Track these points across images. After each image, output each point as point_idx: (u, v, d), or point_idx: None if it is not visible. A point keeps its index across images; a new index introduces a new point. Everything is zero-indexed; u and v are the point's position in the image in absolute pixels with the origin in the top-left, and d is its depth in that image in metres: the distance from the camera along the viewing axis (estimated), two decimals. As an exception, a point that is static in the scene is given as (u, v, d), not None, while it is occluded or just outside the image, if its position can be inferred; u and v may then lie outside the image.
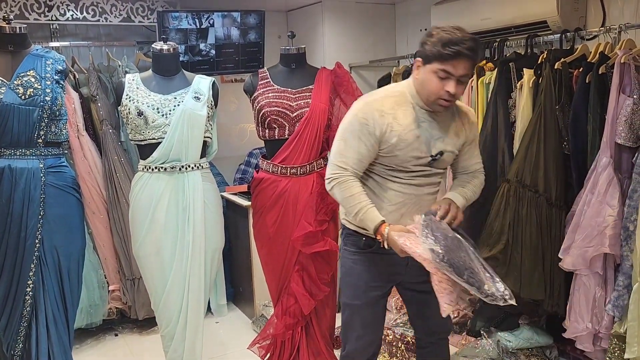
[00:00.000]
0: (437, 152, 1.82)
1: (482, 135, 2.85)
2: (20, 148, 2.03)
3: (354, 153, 1.80)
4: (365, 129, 1.79)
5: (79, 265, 2.20)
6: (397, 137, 1.78)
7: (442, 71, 1.71)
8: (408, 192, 1.86)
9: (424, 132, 1.81)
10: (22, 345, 2.07)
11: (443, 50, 1.68)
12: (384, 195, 1.87)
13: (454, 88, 1.71)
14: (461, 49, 1.67)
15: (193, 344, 2.34)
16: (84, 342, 3.25)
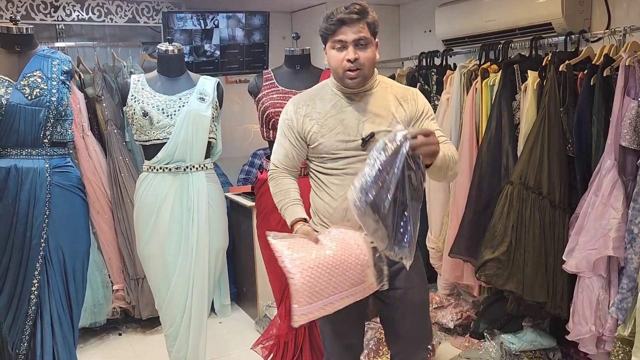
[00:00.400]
0: (368, 133, 1.74)
1: (486, 136, 2.86)
2: (26, 148, 2.04)
3: (281, 149, 1.85)
4: (286, 124, 1.83)
5: (83, 265, 2.21)
6: (317, 125, 1.77)
7: (336, 43, 1.71)
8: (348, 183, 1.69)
9: (350, 115, 1.76)
10: (27, 344, 2.08)
11: (328, 24, 1.71)
12: (327, 191, 1.81)
13: (352, 53, 1.69)
14: (342, 15, 1.69)
15: (197, 343, 2.35)
16: (87, 341, 3.26)
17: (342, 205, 1.76)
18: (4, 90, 2.00)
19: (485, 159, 2.86)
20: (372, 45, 1.73)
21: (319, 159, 1.81)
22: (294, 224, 1.72)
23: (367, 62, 1.71)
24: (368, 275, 1.64)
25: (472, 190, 2.92)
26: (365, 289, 1.67)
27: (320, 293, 1.55)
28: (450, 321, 3.11)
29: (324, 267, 1.55)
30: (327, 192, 1.80)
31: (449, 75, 3.25)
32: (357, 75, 1.71)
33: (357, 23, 1.69)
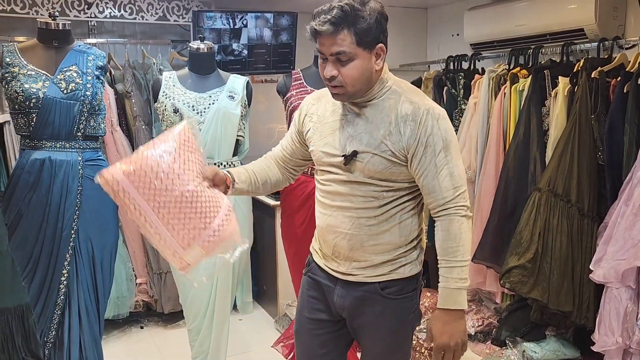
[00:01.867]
0: (351, 150, 1.48)
1: (514, 142, 2.83)
2: (60, 141, 2.09)
3: (285, 138, 1.72)
4: (297, 117, 1.66)
5: (111, 257, 2.24)
6: (313, 128, 1.58)
7: (318, 52, 1.44)
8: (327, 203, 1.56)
9: (344, 127, 1.51)
10: (55, 332, 2.12)
11: (308, 30, 1.43)
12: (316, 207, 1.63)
13: (330, 70, 1.41)
14: (315, 24, 1.39)
15: (218, 339, 2.37)
16: (110, 333, 3.31)
17: (320, 223, 1.58)
18: (42, 84, 2.05)
19: (512, 164, 2.83)
20: (361, 58, 1.40)
21: (315, 166, 1.62)
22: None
23: (349, 80, 1.41)
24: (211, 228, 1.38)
25: (497, 195, 2.90)
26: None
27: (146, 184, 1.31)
28: (472, 327, 3.08)
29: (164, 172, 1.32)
30: (316, 205, 1.62)
31: (477, 80, 3.23)
32: (338, 92, 1.44)
33: (335, 35, 1.38)
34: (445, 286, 1.47)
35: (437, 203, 1.46)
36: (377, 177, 1.48)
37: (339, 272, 1.57)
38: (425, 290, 3.40)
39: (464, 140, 3.23)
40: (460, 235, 1.46)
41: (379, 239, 1.52)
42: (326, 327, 1.64)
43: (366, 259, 1.53)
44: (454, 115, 3.40)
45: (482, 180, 3.06)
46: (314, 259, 1.66)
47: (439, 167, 1.44)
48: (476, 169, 3.16)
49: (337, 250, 1.55)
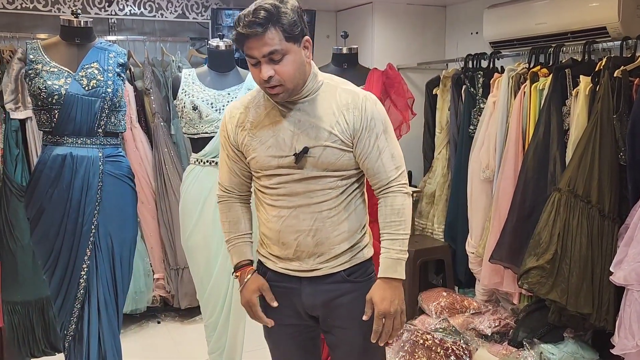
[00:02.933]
0: (301, 147, 1.48)
1: (533, 142, 2.80)
2: (81, 137, 2.11)
3: (224, 167, 1.64)
4: (223, 137, 1.61)
5: (130, 252, 2.27)
6: (249, 136, 1.54)
7: (249, 58, 1.44)
8: (283, 205, 1.54)
9: (284, 126, 1.51)
10: (74, 325, 2.15)
11: (234, 36, 1.43)
12: (262, 211, 1.60)
13: (266, 71, 1.41)
14: (241, 30, 1.38)
15: (235, 335, 2.38)
16: (128, 327, 3.35)
17: (275, 226, 1.56)
18: (64, 81, 2.07)
19: (532, 164, 2.81)
20: (292, 52, 1.42)
21: (255, 174, 1.60)
22: (240, 268, 1.57)
23: (287, 77, 1.42)
24: None
25: (516, 195, 2.87)
26: None
27: None
28: (488, 328, 3.06)
29: None
30: (264, 212, 1.59)
31: (496, 78, 3.20)
32: (277, 91, 1.45)
33: (263, 35, 1.38)
34: (387, 256, 1.52)
35: (381, 183, 1.54)
36: (330, 169, 1.52)
37: (303, 271, 1.58)
38: (441, 290, 3.39)
39: (482, 140, 3.21)
40: (403, 211, 1.52)
41: (341, 229, 1.56)
42: (299, 330, 1.67)
43: (330, 251, 1.56)
44: (472, 114, 3.37)
45: (501, 180, 3.04)
46: (267, 267, 1.64)
47: (381, 149, 1.51)
48: (494, 168, 3.13)
49: (300, 249, 1.56)
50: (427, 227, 3.77)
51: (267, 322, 1.61)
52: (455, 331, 2.97)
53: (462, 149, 3.43)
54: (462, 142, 3.45)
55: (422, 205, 3.80)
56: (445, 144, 3.67)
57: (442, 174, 3.67)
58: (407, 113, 2.58)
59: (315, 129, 1.50)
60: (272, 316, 1.65)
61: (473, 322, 3.12)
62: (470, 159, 3.29)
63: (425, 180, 3.83)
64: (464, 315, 3.16)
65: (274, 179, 1.54)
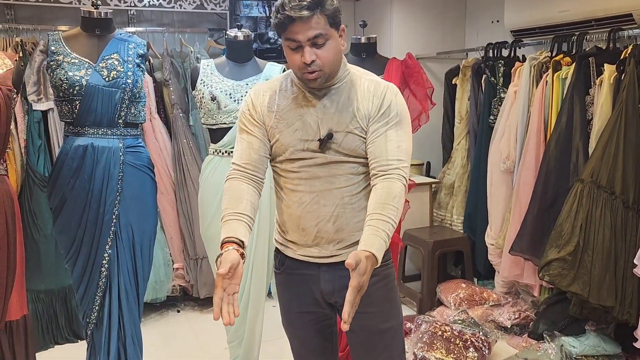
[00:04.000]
0: (326, 132, 1.51)
1: (556, 132, 2.76)
2: (102, 127, 2.13)
3: (243, 144, 1.59)
4: (248, 115, 1.59)
5: (150, 241, 2.29)
6: (275, 118, 1.55)
7: (289, 42, 1.45)
8: (304, 190, 1.54)
9: (310, 112, 1.53)
10: (96, 313, 2.18)
11: (276, 19, 1.44)
12: (282, 196, 1.60)
13: (309, 55, 1.43)
14: (289, 12, 1.40)
15: (253, 325, 2.39)
16: (148, 316, 3.40)
17: (296, 212, 1.55)
18: (84, 72, 2.09)
19: (554, 155, 2.76)
20: (333, 38, 1.47)
21: (278, 158, 1.58)
22: (224, 244, 1.42)
23: (327, 62, 1.46)
24: None
25: (537, 186, 2.83)
26: None
27: None
28: (508, 320, 3.04)
29: None
30: (284, 197, 1.60)
31: (517, 67, 3.15)
32: (316, 76, 1.47)
33: (310, 19, 1.41)
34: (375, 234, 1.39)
35: (381, 168, 1.49)
36: (352, 155, 1.53)
37: (323, 257, 1.57)
38: (460, 281, 3.37)
39: (503, 130, 3.17)
40: (399, 199, 1.45)
41: (361, 216, 1.53)
42: (318, 318, 1.66)
43: (350, 237, 1.55)
44: (492, 104, 3.33)
45: (522, 171, 3.00)
46: (286, 255, 1.63)
47: (389, 136, 1.50)
48: (515, 159, 3.09)
49: (320, 235, 1.55)
50: (446, 218, 3.75)
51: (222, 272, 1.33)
52: (475, 323, 2.95)
53: (482, 139, 3.39)
54: (482, 132, 3.41)
55: (441, 197, 3.78)
56: (465, 135, 3.63)
57: (462, 165, 3.63)
58: (427, 103, 2.55)
59: (338, 115, 1.52)
60: (291, 304, 1.66)
61: (492, 314, 3.10)
62: (490, 150, 3.25)
63: (444, 171, 3.80)
64: (483, 307, 3.14)
65: (297, 162, 1.55)
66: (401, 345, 1.68)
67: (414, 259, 3.85)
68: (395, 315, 1.64)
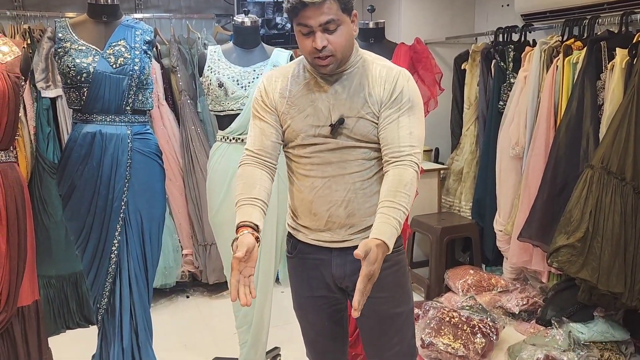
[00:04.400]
0: (337, 118, 1.52)
1: (566, 117, 2.73)
2: (110, 115, 2.14)
3: (256, 130, 1.60)
4: (261, 101, 1.61)
5: (159, 228, 2.30)
6: (287, 104, 1.57)
7: (301, 27, 1.45)
8: (316, 175, 1.56)
9: (322, 97, 1.54)
10: (107, 299, 2.21)
11: (288, 4, 1.43)
12: (294, 181, 1.62)
13: (320, 41, 1.43)
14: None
15: (262, 310, 2.41)
16: (158, 301, 3.44)
17: (308, 197, 1.57)
18: (92, 59, 2.09)
19: (564, 140, 2.74)
20: (345, 24, 1.46)
21: (290, 143, 1.60)
22: (239, 228, 1.42)
23: (339, 47, 1.46)
24: None
25: (546, 172, 2.81)
26: None
27: None
28: (516, 306, 3.04)
29: None
30: (295, 182, 1.62)
31: (528, 52, 3.11)
32: (328, 62, 1.47)
33: (322, 4, 1.41)
34: (387, 222, 1.39)
35: (393, 155, 1.49)
36: (364, 140, 1.54)
37: (334, 242, 1.59)
38: (468, 268, 3.37)
39: (512, 116, 3.14)
40: (411, 186, 1.46)
41: (372, 200, 1.55)
42: (329, 302, 1.68)
43: (361, 222, 1.57)
44: (502, 89, 3.29)
45: (531, 157, 2.97)
46: (298, 239, 1.66)
47: (401, 123, 1.50)
48: (524, 145, 3.06)
49: (332, 220, 1.57)
50: (454, 204, 3.73)
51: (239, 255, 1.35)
52: (482, 309, 2.95)
53: (491, 125, 3.36)
54: (491, 118, 3.38)
55: (449, 183, 3.76)
56: (474, 120, 3.61)
57: (470, 151, 3.61)
58: (435, 89, 2.53)
59: (350, 101, 1.53)
60: (303, 288, 1.69)
61: (500, 300, 3.10)
62: (500, 136, 3.23)
63: (452, 157, 3.78)
64: (491, 293, 3.15)
65: (309, 148, 1.56)
66: (412, 330, 1.70)
67: (422, 246, 3.85)
68: (407, 300, 1.66)
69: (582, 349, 2.53)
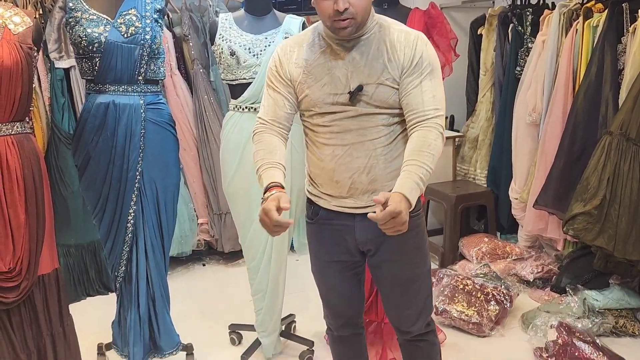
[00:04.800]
0: (356, 85, 1.52)
1: (585, 82, 2.67)
2: (122, 85, 2.13)
3: (269, 100, 1.62)
4: (274, 71, 1.62)
5: (174, 197, 2.32)
6: (304, 73, 1.57)
7: None
8: (336, 143, 1.57)
9: (339, 65, 1.54)
10: (124, 267, 2.25)
11: None
12: (314, 150, 1.63)
13: (342, 3, 1.43)
14: None
15: (276, 278, 2.44)
16: (174, 269, 3.50)
17: (329, 165, 1.59)
18: (103, 28, 2.08)
19: (582, 106, 2.68)
20: None
21: (307, 113, 1.62)
22: (268, 189, 1.48)
23: (360, 10, 1.47)
24: None
25: (564, 139, 2.77)
26: None
27: None
28: (530, 274, 3.04)
29: None
30: (315, 151, 1.63)
31: (546, 15, 3.03)
32: (348, 24, 1.47)
33: None
34: (409, 177, 1.44)
35: (417, 119, 1.52)
36: (383, 106, 1.55)
37: (357, 208, 1.62)
38: (483, 236, 3.36)
39: (530, 82, 3.08)
40: (435, 146, 1.49)
41: (393, 166, 1.59)
42: (349, 266, 1.74)
43: (383, 187, 1.59)
44: (519, 54, 3.22)
45: (548, 123, 2.93)
46: (320, 205, 1.68)
47: (424, 87, 1.52)
48: (542, 111, 3.01)
49: (355, 187, 1.60)
50: (469, 172, 3.71)
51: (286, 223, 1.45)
52: (497, 277, 2.95)
53: (508, 91, 3.30)
54: (507, 84, 3.32)
55: (464, 150, 3.73)
56: (490, 87, 3.54)
57: (486, 118, 3.56)
58: (450, 55, 2.48)
59: (368, 67, 1.53)
60: (323, 253, 1.74)
61: (515, 268, 3.10)
62: (516, 102, 3.18)
63: (468, 124, 3.73)
64: (505, 261, 3.14)
65: (327, 116, 1.57)
66: (429, 291, 1.78)
67: (437, 214, 3.84)
68: (425, 261, 1.73)
69: (596, 316, 2.53)
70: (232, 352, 2.57)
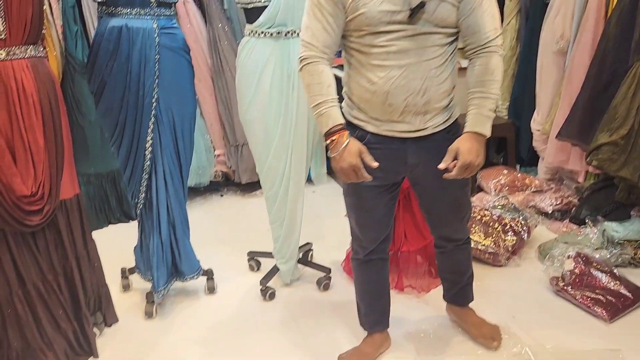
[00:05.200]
0: (417, 2, 1.46)
1: (619, 6, 2.53)
2: (135, 7, 2.07)
3: (316, 23, 1.55)
4: None
5: (191, 125, 2.31)
6: None
7: None
8: (392, 64, 1.54)
9: None
10: (144, 194, 2.27)
11: None
12: (365, 73, 1.58)
13: None
14: None
15: (294, 207, 2.45)
16: (193, 199, 3.54)
17: (383, 88, 1.56)
18: (111, -53, 1.99)
19: (613, 32, 2.55)
20: None
21: (357, 33, 1.55)
22: (336, 132, 1.54)
23: None
24: None
25: (592, 68, 2.66)
26: None
27: None
28: (549, 206, 3.01)
29: None
30: (365, 73, 1.58)
31: None
32: None
33: None
34: (478, 112, 1.59)
35: (479, 42, 1.57)
36: (441, 25, 1.53)
37: (410, 132, 1.65)
38: (502, 168, 3.32)
39: (559, 7, 2.92)
40: (497, 71, 1.57)
41: (444, 87, 1.61)
42: (388, 189, 1.78)
43: (435, 109, 1.63)
44: (548, -23, 3.05)
45: (576, 51, 2.80)
46: (368, 130, 1.67)
47: (484, 6, 1.53)
48: (570, 38, 2.88)
49: (409, 109, 1.60)
50: (490, 104, 3.61)
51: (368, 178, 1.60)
52: (515, 208, 2.93)
53: (535, 17, 3.16)
54: (535, 10, 3.17)
55: (486, 81, 3.61)
56: (515, 14, 3.38)
57: (510, 47, 3.42)
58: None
59: None
60: None
61: (534, 200, 3.07)
62: (543, 29, 3.03)
63: (491, 54, 3.59)
64: (524, 193, 3.12)
65: (383, 36, 1.52)
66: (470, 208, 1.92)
67: (455, 147, 3.79)
68: (468, 181, 1.81)
69: (615, 247, 2.52)
70: (250, 277, 2.63)
